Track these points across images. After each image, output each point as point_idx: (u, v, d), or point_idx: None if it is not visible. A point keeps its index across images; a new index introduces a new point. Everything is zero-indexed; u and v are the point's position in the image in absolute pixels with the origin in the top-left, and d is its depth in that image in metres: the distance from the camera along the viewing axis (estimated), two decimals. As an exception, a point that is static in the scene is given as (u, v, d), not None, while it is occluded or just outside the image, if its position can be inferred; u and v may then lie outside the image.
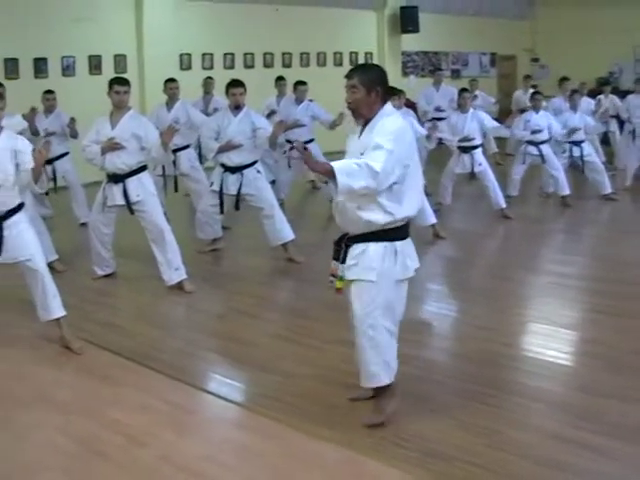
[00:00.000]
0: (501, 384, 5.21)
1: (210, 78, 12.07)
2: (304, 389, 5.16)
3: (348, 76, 4.48)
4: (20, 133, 6.60)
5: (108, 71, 13.80)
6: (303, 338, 6.14)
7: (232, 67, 16.09)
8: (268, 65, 16.88)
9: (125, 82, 7.42)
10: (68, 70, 13.87)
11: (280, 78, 12.69)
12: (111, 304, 7.34)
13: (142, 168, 7.53)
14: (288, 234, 8.29)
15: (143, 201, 7.44)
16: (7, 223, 5.93)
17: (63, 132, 10.24)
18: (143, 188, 7.46)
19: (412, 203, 4.46)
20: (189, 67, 15.34)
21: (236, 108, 8.24)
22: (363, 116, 4.47)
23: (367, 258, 4.43)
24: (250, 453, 4.32)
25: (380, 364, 4.53)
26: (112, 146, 7.30)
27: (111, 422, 4.77)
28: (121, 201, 7.47)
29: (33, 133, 8.04)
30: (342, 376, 5.24)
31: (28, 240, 6.02)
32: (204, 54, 15.72)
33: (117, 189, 7.46)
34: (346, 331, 6.09)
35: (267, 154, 10.50)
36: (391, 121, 4.39)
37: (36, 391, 5.30)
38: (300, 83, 11.32)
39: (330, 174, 4.16)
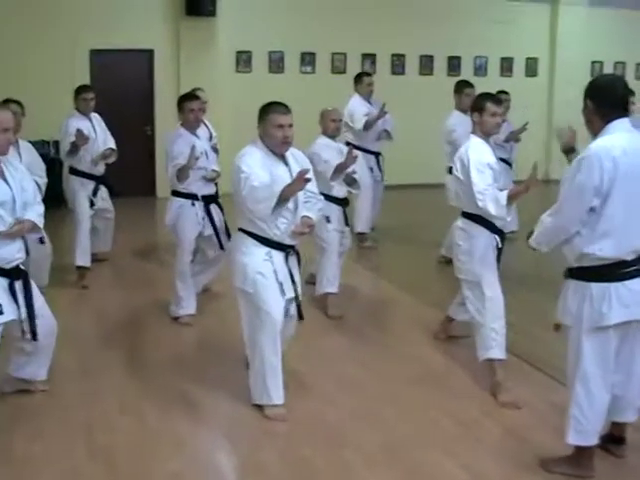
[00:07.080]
0: None
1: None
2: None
3: None
4: None
5: (519, 73, 14.09)
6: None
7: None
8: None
9: None
10: (480, 70, 14.34)
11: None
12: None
13: None
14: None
15: None
16: None
17: None
18: None
19: None
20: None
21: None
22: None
23: None
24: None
25: None
26: None
27: (491, 411, 5.00)
28: None
29: None
30: None
31: None
32: (616, 63, 15.40)
33: None
34: None
35: None
36: None
37: (420, 371, 5.72)
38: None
39: None
